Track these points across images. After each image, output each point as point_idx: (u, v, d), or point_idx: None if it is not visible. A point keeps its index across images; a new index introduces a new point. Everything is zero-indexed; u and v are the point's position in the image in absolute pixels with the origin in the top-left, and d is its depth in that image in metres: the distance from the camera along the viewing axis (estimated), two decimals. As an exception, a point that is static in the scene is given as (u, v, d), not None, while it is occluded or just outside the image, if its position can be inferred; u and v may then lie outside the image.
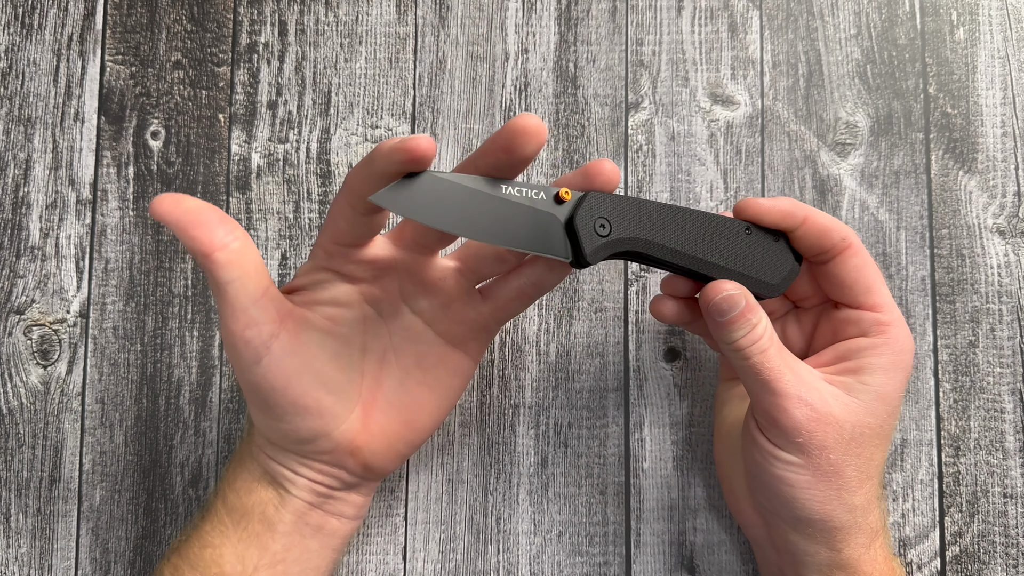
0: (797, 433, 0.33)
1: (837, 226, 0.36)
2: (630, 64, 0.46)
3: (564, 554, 0.43)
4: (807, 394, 0.33)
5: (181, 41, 0.46)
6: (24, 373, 0.44)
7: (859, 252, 0.36)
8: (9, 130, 0.46)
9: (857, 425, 0.34)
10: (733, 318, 0.34)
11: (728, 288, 0.34)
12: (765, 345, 0.34)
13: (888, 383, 0.35)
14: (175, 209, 0.31)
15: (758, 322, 0.34)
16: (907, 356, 0.35)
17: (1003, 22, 0.45)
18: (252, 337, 0.33)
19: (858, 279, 0.36)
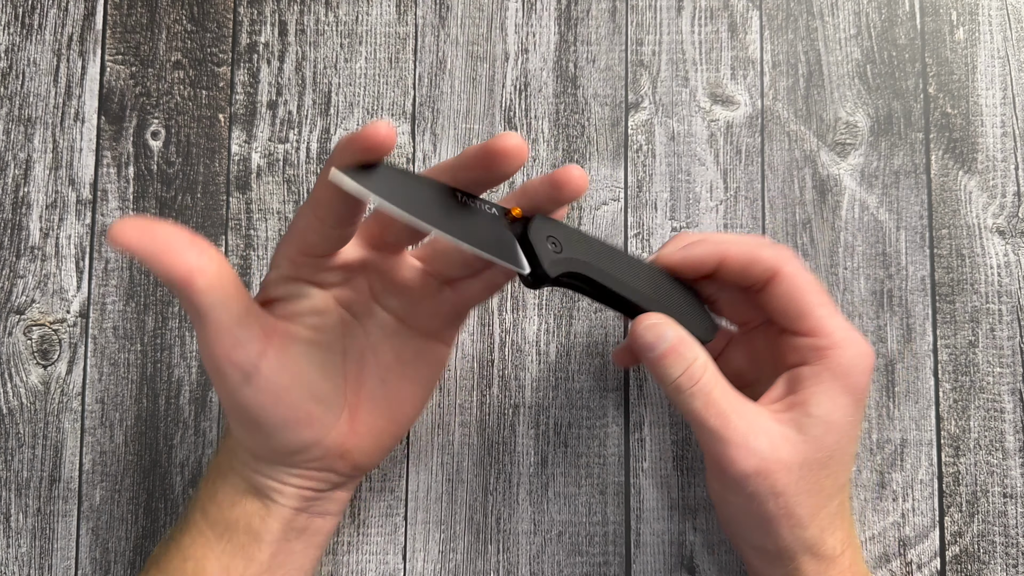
0: (747, 483, 0.32)
1: (758, 260, 0.34)
2: (630, 64, 0.46)
3: (564, 554, 0.43)
4: (755, 442, 0.32)
5: (181, 41, 0.46)
6: (24, 373, 0.44)
7: (786, 279, 0.34)
8: (9, 130, 0.46)
9: (805, 463, 0.33)
10: (664, 353, 0.33)
11: (653, 319, 0.33)
12: (708, 387, 0.33)
13: (835, 411, 0.33)
14: (140, 237, 0.29)
15: (695, 358, 0.33)
16: (854, 377, 0.33)
17: (1003, 22, 0.45)
18: (240, 358, 0.31)
19: (788, 307, 0.34)
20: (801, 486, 0.33)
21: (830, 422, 0.33)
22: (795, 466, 0.32)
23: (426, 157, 0.45)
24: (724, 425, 0.32)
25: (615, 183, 0.45)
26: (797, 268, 0.34)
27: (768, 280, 0.34)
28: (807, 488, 0.33)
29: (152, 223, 0.29)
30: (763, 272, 0.34)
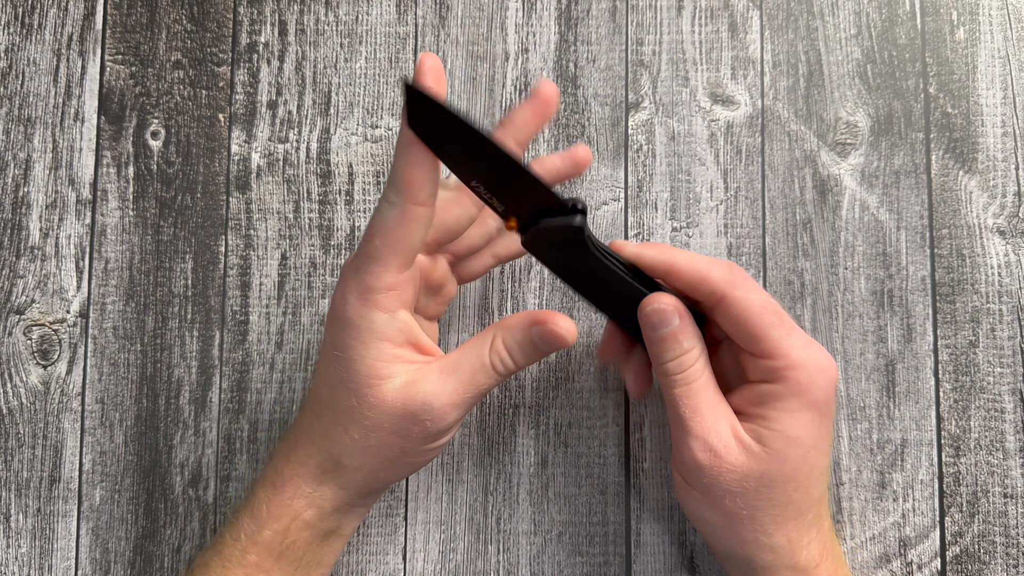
0: (701, 474, 0.34)
1: (704, 278, 0.34)
2: (630, 64, 0.46)
3: (564, 554, 0.43)
4: (714, 439, 0.33)
5: (181, 41, 0.46)
6: (24, 373, 0.44)
7: (734, 304, 0.34)
8: (9, 130, 0.46)
9: (766, 474, 0.33)
10: (665, 336, 0.34)
11: (663, 301, 0.34)
12: (691, 377, 0.34)
13: (796, 426, 0.33)
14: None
15: (690, 349, 0.34)
16: (815, 393, 0.33)
17: (1003, 22, 0.45)
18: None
19: (740, 331, 0.34)
20: (762, 494, 0.33)
21: (792, 437, 0.33)
22: (752, 473, 0.33)
23: (426, 157, 0.45)
24: (692, 416, 0.34)
25: (615, 183, 0.45)
26: (746, 290, 0.34)
27: (715, 302, 0.34)
28: (771, 497, 0.33)
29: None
30: (710, 294, 0.34)
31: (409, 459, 0.35)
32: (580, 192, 0.45)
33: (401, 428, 0.33)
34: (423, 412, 0.33)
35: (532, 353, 0.34)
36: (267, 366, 0.44)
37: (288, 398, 0.44)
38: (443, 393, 0.33)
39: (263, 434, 0.44)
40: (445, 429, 0.34)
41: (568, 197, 0.33)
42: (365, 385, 0.33)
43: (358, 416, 0.33)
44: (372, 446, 0.34)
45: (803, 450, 0.33)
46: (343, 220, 0.45)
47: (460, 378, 0.33)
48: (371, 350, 0.33)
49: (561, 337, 0.34)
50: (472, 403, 0.34)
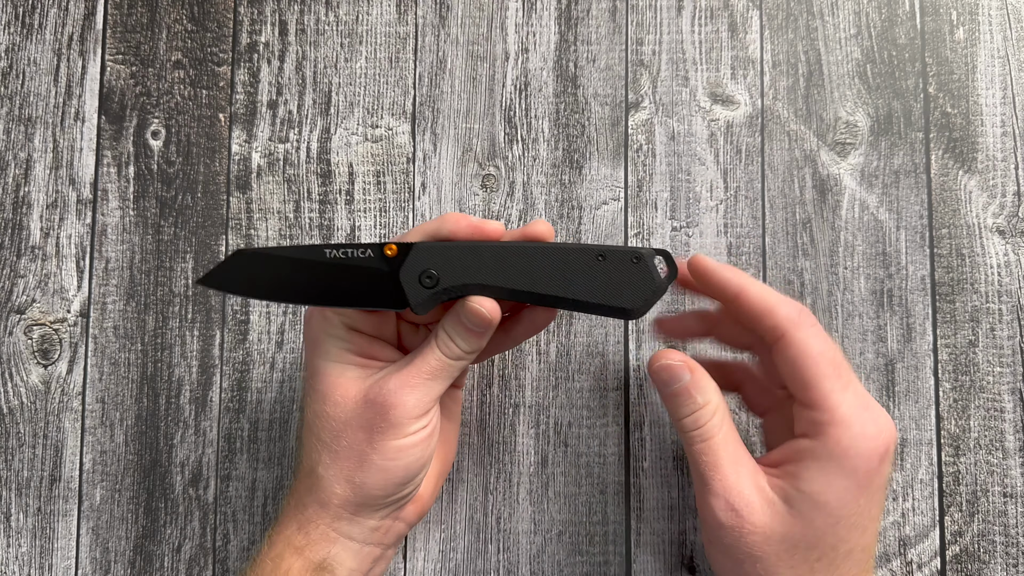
0: (723, 534, 0.32)
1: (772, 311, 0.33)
2: (630, 64, 0.46)
3: (564, 553, 0.43)
4: (735, 498, 0.32)
5: (181, 41, 0.46)
6: (24, 372, 0.44)
7: (794, 344, 0.32)
8: (10, 130, 0.46)
9: (787, 537, 0.31)
10: (677, 391, 0.33)
11: (671, 357, 0.34)
12: (709, 433, 0.33)
13: (827, 491, 0.31)
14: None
15: (705, 404, 0.33)
16: (855, 460, 0.31)
17: (1003, 22, 0.45)
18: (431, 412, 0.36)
19: (793, 374, 0.32)
20: (783, 560, 0.31)
21: (820, 503, 0.31)
22: (774, 536, 0.31)
23: (426, 156, 0.45)
24: (712, 474, 0.32)
25: (615, 183, 0.45)
26: (810, 334, 0.33)
27: (776, 339, 0.33)
28: (791, 564, 0.31)
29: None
30: (772, 328, 0.33)
31: (380, 459, 0.34)
32: (580, 192, 0.45)
33: (365, 420, 0.34)
34: (381, 397, 0.34)
35: (465, 333, 0.35)
36: (267, 365, 0.44)
37: (288, 397, 0.44)
38: (398, 378, 0.34)
39: (263, 433, 0.44)
40: (406, 417, 0.34)
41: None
42: (330, 385, 0.35)
43: (326, 418, 0.35)
44: (343, 448, 0.35)
45: (831, 519, 0.31)
46: (343, 220, 0.45)
47: (413, 363, 0.35)
48: (333, 354, 0.36)
49: (479, 312, 0.34)
50: (431, 391, 0.35)
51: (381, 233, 0.45)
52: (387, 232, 0.45)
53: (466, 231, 0.34)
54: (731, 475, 0.32)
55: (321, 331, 0.36)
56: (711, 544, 0.34)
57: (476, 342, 0.35)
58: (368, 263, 0.34)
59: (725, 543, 0.32)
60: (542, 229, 0.35)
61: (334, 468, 0.35)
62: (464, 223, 0.34)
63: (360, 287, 0.34)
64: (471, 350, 0.35)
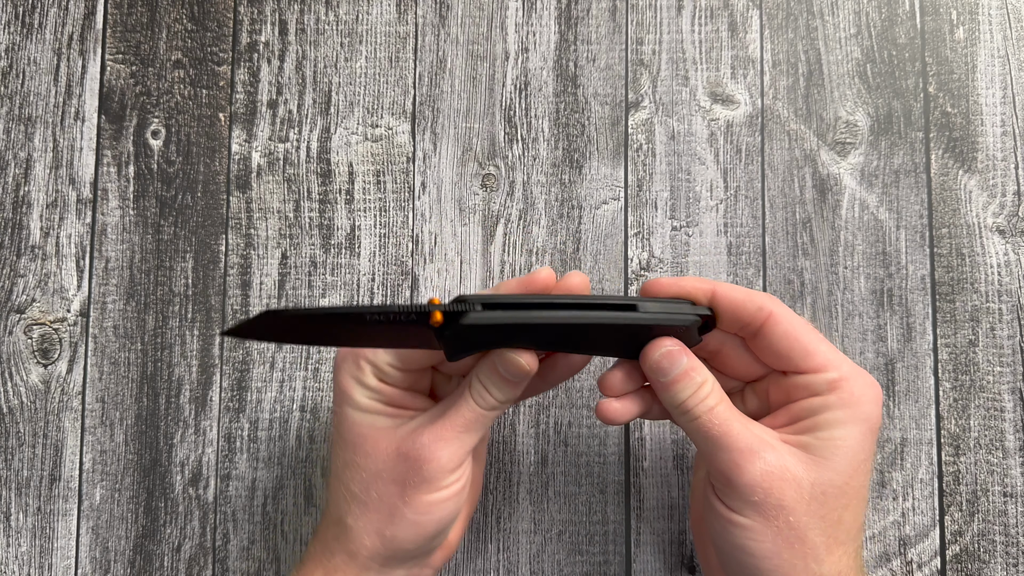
0: (752, 491, 0.31)
1: (750, 297, 0.34)
2: (630, 63, 0.46)
3: (564, 553, 0.43)
4: (761, 447, 0.32)
5: (181, 40, 0.46)
6: (24, 372, 0.44)
7: (782, 319, 0.33)
8: (9, 129, 0.46)
9: (818, 483, 0.32)
10: (677, 377, 0.33)
11: (668, 344, 0.33)
12: (713, 402, 0.33)
13: (849, 436, 0.32)
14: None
15: (704, 380, 0.33)
16: (867, 407, 0.33)
17: (1003, 21, 0.45)
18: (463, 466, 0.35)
19: (792, 346, 0.33)
20: (813, 508, 0.31)
21: (844, 447, 0.32)
22: (804, 482, 0.31)
23: (426, 156, 0.45)
24: (728, 432, 0.32)
25: (615, 182, 0.45)
26: (789, 310, 0.34)
27: (763, 321, 0.34)
28: (820, 514, 0.32)
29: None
30: (756, 312, 0.33)
31: (413, 514, 0.33)
32: (580, 191, 0.45)
33: (398, 473, 0.33)
34: (415, 451, 0.33)
35: (501, 383, 0.33)
36: (267, 365, 0.44)
37: (288, 397, 0.44)
38: (431, 431, 0.33)
39: (263, 433, 0.44)
40: (440, 472, 0.33)
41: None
42: (360, 436, 0.34)
43: (356, 468, 0.34)
44: (373, 500, 0.34)
45: (854, 463, 0.32)
46: (343, 219, 0.45)
47: (447, 415, 0.34)
48: (363, 405, 0.35)
49: (517, 363, 0.33)
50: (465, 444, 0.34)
51: (381, 233, 0.45)
52: (387, 232, 0.45)
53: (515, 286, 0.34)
54: (746, 431, 0.32)
55: (352, 380, 0.35)
56: (736, 512, 0.32)
57: (512, 392, 0.34)
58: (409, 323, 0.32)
59: (753, 500, 0.31)
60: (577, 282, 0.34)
61: (364, 520, 0.34)
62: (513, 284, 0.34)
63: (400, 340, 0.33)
64: (506, 400, 0.34)
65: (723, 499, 0.33)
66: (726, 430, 0.32)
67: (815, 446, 0.32)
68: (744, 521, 0.32)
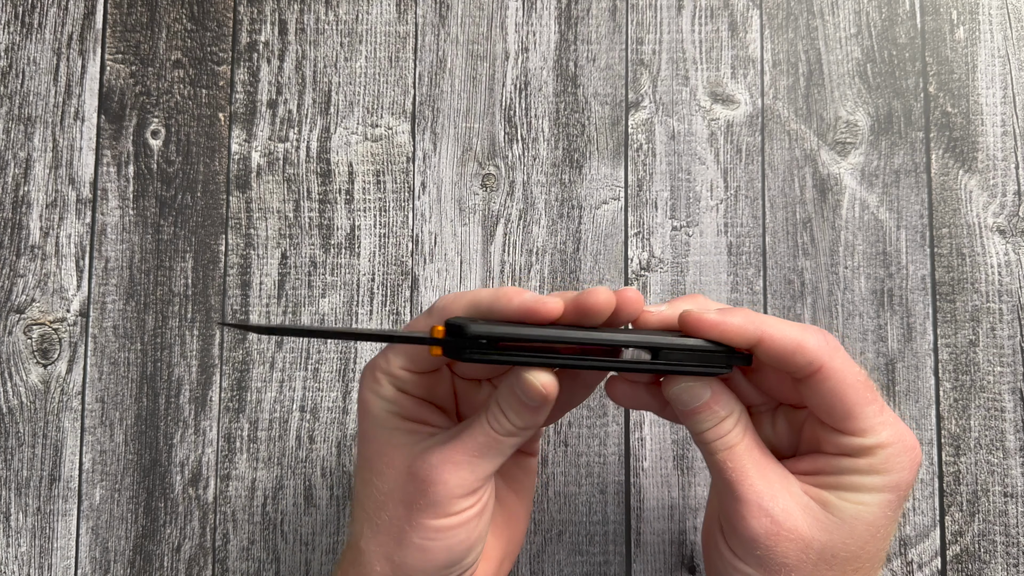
0: (755, 545, 0.30)
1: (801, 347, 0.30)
2: (630, 63, 0.46)
3: (564, 553, 0.43)
4: (770, 504, 0.30)
5: (181, 40, 0.46)
6: (24, 372, 0.44)
7: (832, 375, 0.31)
8: (9, 129, 0.46)
9: (828, 546, 0.30)
10: (697, 408, 0.31)
11: (688, 381, 0.31)
12: (732, 441, 0.31)
13: (873, 503, 0.30)
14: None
15: (727, 415, 0.31)
16: (899, 475, 0.30)
17: (1003, 21, 0.45)
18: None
19: (834, 405, 0.31)
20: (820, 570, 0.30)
21: (865, 513, 0.30)
22: (814, 543, 0.30)
23: (426, 156, 0.45)
24: (740, 480, 0.30)
25: (615, 182, 0.45)
26: (843, 362, 0.31)
27: (810, 375, 0.31)
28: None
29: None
30: (806, 365, 0.30)
31: (419, 539, 0.31)
32: (580, 191, 0.45)
33: (406, 494, 0.32)
34: (423, 472, 0.31)
35: (519, 408, 0.31)
36: (267, 365, 0.44)
37: (288, 397, 0.44)
38: (441, 452, 0.31)
39: (263, 433, 0.44)
40: (448, 497, 0.31)
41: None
42: (375, 452, 0.33)
43: (370, 487, 0.33)
44: (383, 522, 0.32)
45: (873, 530, 0.30)
46: (343, 219, 0.45)
47: (460, 437, 0.32)
48: (381, 419, 0.33)
49: (534, 387, 0.30)
50: (477, 470, 0.31)
51: (381, 233, 0.45)
52: (387, 232, 0.45)
53: (516, 311, 0.30)
54: (761, 480, 0.30)
55: (370, 392, 0.33)
56: (733, 559, 0.31)
57: (531, 418, 0.31)
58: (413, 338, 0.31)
59: (756, 555, 0.30)
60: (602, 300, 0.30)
61: (374, 543, 0.32)
62: (516, 302, 0.30)
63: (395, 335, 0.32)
64: (524, 426, 0.32)
65: (728, 540, 0.32)
66: (740, 477, 0.30)
67: (835, 506, 0.30)
68: (746, 569, 0.31)
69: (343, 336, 0.31)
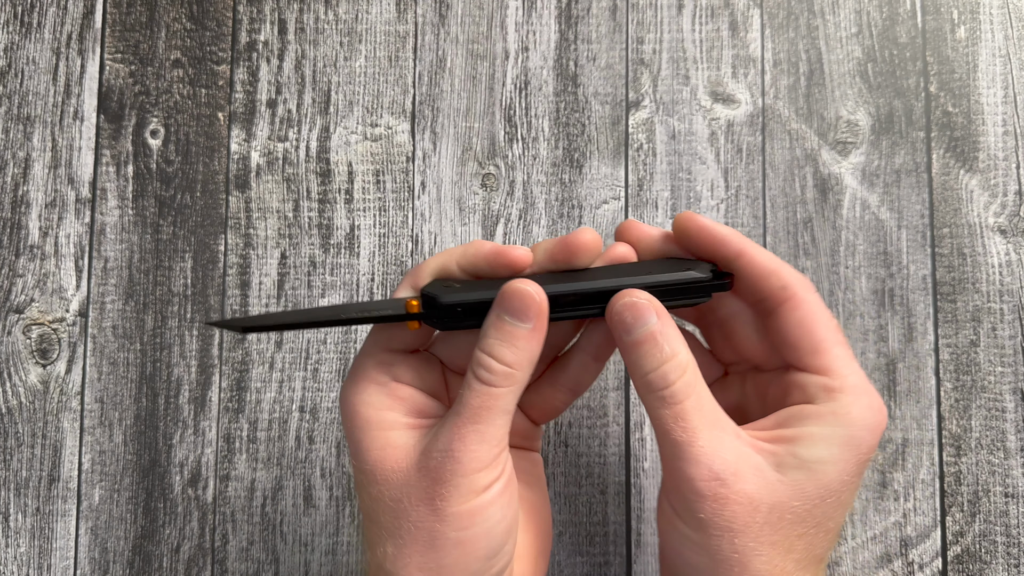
0: (699, 507, 0.28)
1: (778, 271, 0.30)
2: (630, 62, 0.46)
3: (565, 554, 0.43)
4: (720, 466, 0.28)
5: (180, 39, 0.46)
6: (23, 372, 0.44)
7: (803, 304, 0.30)
8: (8, 129, 0.46)
9: (776, 507, 0.28)
10: (642, 337, 0.29)
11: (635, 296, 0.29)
12: (680, 396, 0.28)
13: (827, 460, 0.28)
14: None
15: (673, 354, 0.29)
16: (860, 431, 0.28)
17: (1004, 20, 0.45)
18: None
19: (801, 336, 0.30)
20: (764, 534, 0.28)
21: (818, 471, 0.28)
22: (761, 505, 0.28)
23: (426, 155, 0.45)
24: (690, 441, 0.28)
25: (615, 182, 0.45)
26: (816, 299, 0.30)
27: (783, 300, 0.30)
28: (772, 540, 0.28)
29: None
30: (779, 289, 0.30)
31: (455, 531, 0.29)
32: (580, 191, 0.45)
33: (425, 492, 0.29)
34: (433, 461, 0.29)
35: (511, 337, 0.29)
36: (267, 365, 0.44)
37: (288, 397, 0.44)
38: (445, 434, 0.29)
39: (262, 433, 0.44)
40: (467, 474, 0.29)
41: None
42: (376, 460, 0.30)
43: (380, 500, 0.30)
44: (407, 531, 0.29)
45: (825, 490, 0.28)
46: (343, 219, 0.45)
47: (455, 413, 0.29)
48: (373, 422, 0.31)
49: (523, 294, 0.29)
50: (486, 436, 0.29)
51: (381, 233, 0.45)
52: (386, 232, 0.45)
53: (486, 258, 0.30)
54: (711, 441, 0.28)
55: (355, 399, 0.31)
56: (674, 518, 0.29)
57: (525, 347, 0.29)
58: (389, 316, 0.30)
59: (699, 517, 0.28)
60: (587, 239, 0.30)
61: (402, 559, 0.29)
62: (485, 249, 0.30)
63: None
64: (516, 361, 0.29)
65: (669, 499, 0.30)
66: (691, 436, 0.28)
67: (787, 464, 0.28)
68: (685, 530, 0.29)
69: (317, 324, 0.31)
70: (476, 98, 0.46)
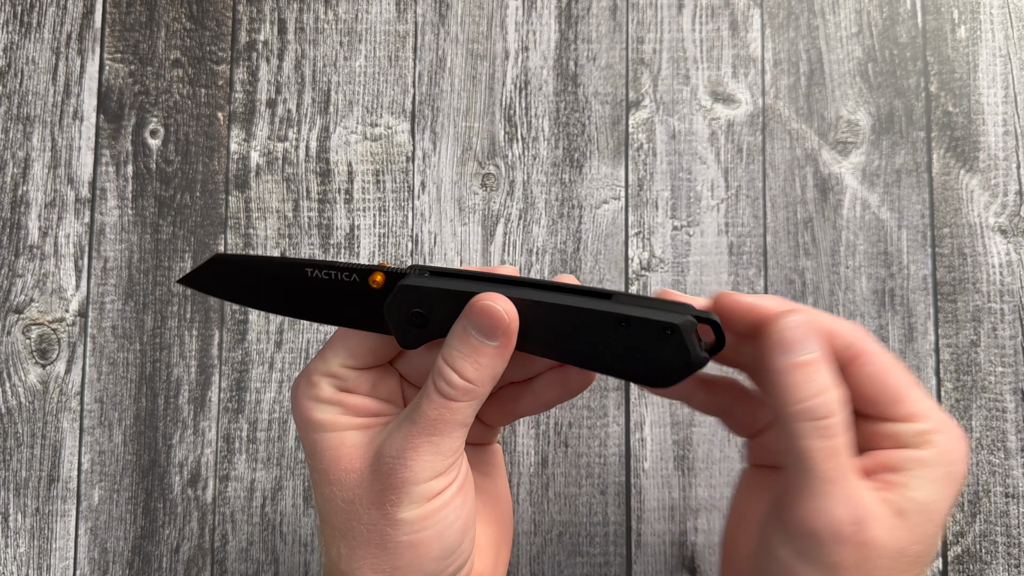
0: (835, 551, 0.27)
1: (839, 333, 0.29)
2: (631, 62, 0.46)
3: (564, 554, 0.43)
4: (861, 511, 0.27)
5: (180, 39, 0.46)
6: (23, 372, 0.44)
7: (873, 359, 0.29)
8: (8, 128, 0.46)
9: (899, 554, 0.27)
10: (800, 363, 0.27)
11: (805, 315, 0.28)
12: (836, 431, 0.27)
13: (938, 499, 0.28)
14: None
15: (833, 386, 0.28)
16: (959, 466, 0.28)
17: (1004, 20, 0.45)
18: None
19: (880, 391, 0.29)
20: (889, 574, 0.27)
21: (933, 511, 0.28)
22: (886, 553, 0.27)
23: (426, 155, 0.45)
24: (839, 479, 0.27)
25: (615, 182, 0.45)
26: (880, 348, 0.29)
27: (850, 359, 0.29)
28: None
29: None
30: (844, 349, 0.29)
31: (406, 535, 0.29)
32: (580, 191, 0.45)
33: (377, 495, 0.29)
34: (385, 465, 0.29)
35: (476, 352, 0.28)
36: (266, 365, 0.44)
37: (287, 398, 0.44)
38: (397, 441, 0.29)
39: (262, 434, 0.44)
40: (418, 482, 0.28)
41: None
42: (330, 461, 0.30)
43: (333, 501, 0.30)
44: (359, 533, 0.29)
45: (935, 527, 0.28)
46: (342, 219, 0.45)
47: (411, 420, 0.29)
48: (326, 424, 0.30)
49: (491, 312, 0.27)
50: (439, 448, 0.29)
51: (380, 233, 0.45)
52: (386, 232, 0.45)
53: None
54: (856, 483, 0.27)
55: (308, 399, 0.30)
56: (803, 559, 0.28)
57: (489, 365, 0.28)
58: (351, 288, 0.29)
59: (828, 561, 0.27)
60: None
61: (355, 560, 0.29)
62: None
63: (345, 310, 0.30)
64: (477, 378, 0.28)
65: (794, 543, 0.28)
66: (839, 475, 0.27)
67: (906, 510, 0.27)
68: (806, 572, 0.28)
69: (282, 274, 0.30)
70: (476, 98, 0.46)
